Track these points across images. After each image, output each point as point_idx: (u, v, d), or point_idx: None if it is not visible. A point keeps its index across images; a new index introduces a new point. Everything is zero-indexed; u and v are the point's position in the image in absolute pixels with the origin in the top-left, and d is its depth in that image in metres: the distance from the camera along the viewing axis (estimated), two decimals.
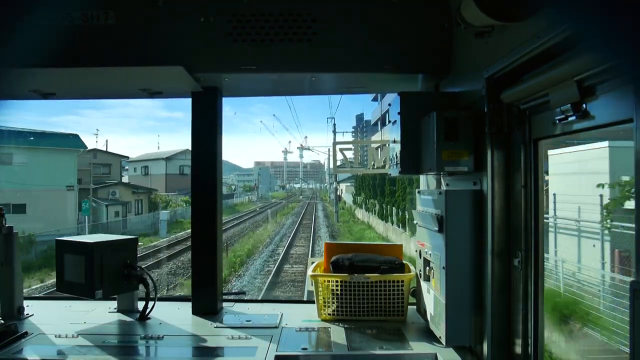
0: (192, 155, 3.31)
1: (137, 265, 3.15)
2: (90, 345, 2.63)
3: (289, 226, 37.45)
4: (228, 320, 3.09)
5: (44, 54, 2.65)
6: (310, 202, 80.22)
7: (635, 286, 1.26)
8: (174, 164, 58.23)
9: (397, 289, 2.99)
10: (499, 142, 2.24)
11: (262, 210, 55.48)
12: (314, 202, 75.89)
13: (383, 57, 2.84)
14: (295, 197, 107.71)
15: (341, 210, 48.07)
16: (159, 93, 3.27)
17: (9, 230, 3.14)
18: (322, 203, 76.71)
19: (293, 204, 74.23)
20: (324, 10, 2.81)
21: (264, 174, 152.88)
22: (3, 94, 3.34)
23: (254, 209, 60.89)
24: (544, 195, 2.15)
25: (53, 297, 3.88)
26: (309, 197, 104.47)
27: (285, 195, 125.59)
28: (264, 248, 25.48)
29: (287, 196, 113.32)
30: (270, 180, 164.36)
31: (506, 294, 2.24)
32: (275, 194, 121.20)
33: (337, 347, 2.62)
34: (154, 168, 58.26)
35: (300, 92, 3.74)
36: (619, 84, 1.55)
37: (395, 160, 2.80)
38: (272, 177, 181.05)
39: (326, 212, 54.85)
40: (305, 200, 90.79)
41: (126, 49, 2.77)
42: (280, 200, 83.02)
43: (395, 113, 2.72)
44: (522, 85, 2.01)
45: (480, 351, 2.37)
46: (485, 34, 2.13)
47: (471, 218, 2.37)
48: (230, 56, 2.84)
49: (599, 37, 1.17)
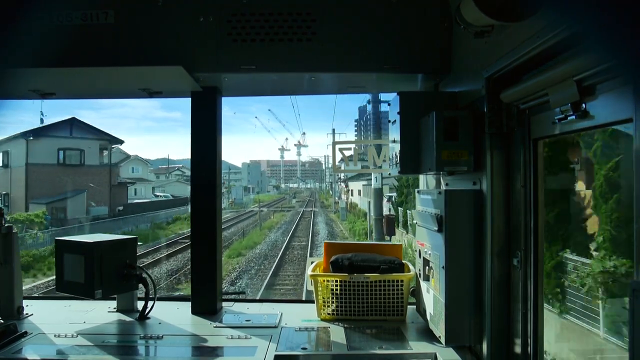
0: (192, 156, 3.30)
1: (136, 265, 3.15)
2: (90, 345, 2.63)
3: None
4: (227, 319, 3.09)
5: (43, 54, 2.65)
6: (305, 210, 51.31)
7: (635, 286, 1.26)
8: (46, 145, 30.96)
9: (397, 288, 2.99)
10: (499, 142, 2.24)
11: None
12: (310, 211, 49.18)
13: (383, 57, 2.84)
14: (286, 202, 75.68)
15: (356, 223, 29.93)
16: (159, 93, 3.26)
17: (8, 229, 3.14)
18: (323, 212, 50.89)
19: (275, 217, 43.39)
20: (324, 10, 2.81)
21: (254, 172, 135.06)
22: (2, 93, 3.33)
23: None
24: (543, 195, 2.16)
25: (52, 296, 3.87)
26: (304, 202, 74.03)
27: (277, 197, 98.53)
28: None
29: (276, 200, 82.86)
30: (262, 179, 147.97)
31: (505, 294, 2.24)
32: (261, 196, 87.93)
33: (336, 347, 2.62)
34: (16, 155, 30.80)
35: (299, 92, 3.74)
36: (618, 83, 1.55)
37: (394, 160, 2.80)
38: (264, 175, 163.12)
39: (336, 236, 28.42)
40: (299, 206, 60.56)
41: (126, 48, 2.76)
42: (261, 209, 45.06)
43: (395, 113, 2.72)
44: (521, 85, 2.01)
45: (479, 351, 2.37)
46: (484, 34, 2.13)
47: (471, 218, 2.37)
48: (230, 56, 2.84)
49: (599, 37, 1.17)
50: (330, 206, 59.17)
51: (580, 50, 1.61)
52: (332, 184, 73.11)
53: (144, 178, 56.21)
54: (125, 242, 3.15)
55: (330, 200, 65.22)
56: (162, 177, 74.97)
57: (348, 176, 51.27)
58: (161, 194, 58.42)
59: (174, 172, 79.05)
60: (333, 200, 60.02)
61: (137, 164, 56.23)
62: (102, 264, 2.93)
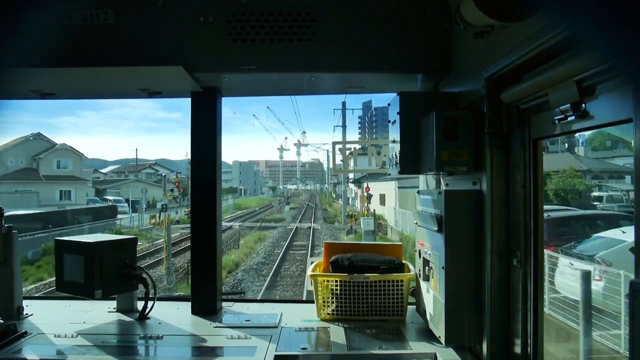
0: (192, 156, 3.31)
1: (136, 265, 3.15)
2: (90, 345, 2.63)
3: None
4: (227, 320, 3.08)
5: (44, 54, 2.65)
6: (299, 227, 33.61)
7: (635, 286, 1.26)
8: None
9: (397, 288, 2.99)
10: (499, 142, 2.24)
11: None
12: (308, 230, 31.59)
13: (383, 57, 2.84)
14: (275, 209, 55.83)
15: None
16: (159, 93, 3.26)
17: (8, 230, 3.14)
18: (329, 230, 32.69)
19: (246, 244, 25.17)
20: (324, 10, 2.81)
21: (247, 172, 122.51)
22: (3, 93, 3.33)
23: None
24: (543, 195, 2.16)
25: (52, 296, 3.88)
26: (301, 209, 56.16)
27: (270, 199, 76.79)
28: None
29: (263, 206, 63.39)
30: (257, 179, 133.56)
31: (505, 294, 2.24)
32: (245, 200, 69.63)
33: (336, 347, 2.62)
34: None
35: (299, 92, 3.73)
36: (618, 84, 1.55)
37: (394, 160, 2.80)
38: (259, 175, 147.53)
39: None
40: (292, 219, 42.42)
41: (126, 48, 2.76)
42: (229, 224, 34.64)
43: (395, 113, 2.72)
44: (521, 85, 2.01)
45: (479, 351, 2.37)
46: (484, 34, 2.13)
47: (470, 218, 2.37)
48: (230, 56, 2.84)
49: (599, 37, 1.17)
50: (338, 217, 41.01)
51: (580, 50, 1.61)
52: (338, 184, 56.35)
53: (75, 176, 42.17)
54: (125, 242, 3.16)
55: (335, 205, 49.84)
56: (131, 175, 62.32)
57: (362, 174, 36.72)
58: (112, 197, 45.50)
59: (144, 170, 66.83)
60: (343, 211, 38.28)
61: (66, 156, 42.85)
62: (102, 264, 2.93)
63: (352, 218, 31.11)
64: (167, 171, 56.91)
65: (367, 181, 34.03)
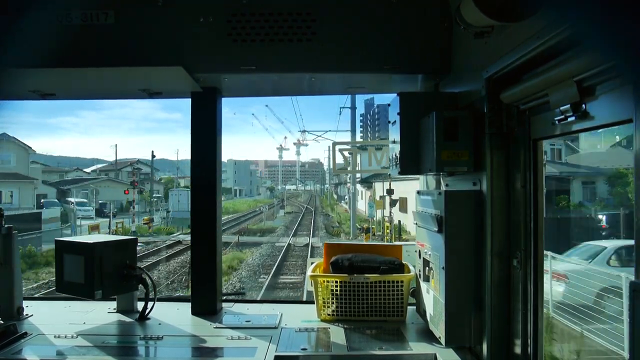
0: (192, 156, 3.31)
1: (136, 265, 3.15)
2: (90, 345, 2.63)
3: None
4: (227, 320, 3.08)
5: (44, 54, 2.65)
6: (294, 245, 24.41)
7: (635, 286, 1.26)
8: None
9: (397, 289, 2.99)
10: (499, 142, 2.24)
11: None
12: (305, 249, 22.45)
13: (383, 57, 2.84)
14: (267, 214, 46.10)
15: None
16: (159, 93, 3.26)
17: (8, 230, 3.14)
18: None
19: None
20: (324, 10, 2.81)
21: (242, 171, 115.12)
22: (3, 93, 3.33)
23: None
24: (543, 196, 2.15)
25: (52, 297, 3.87)
26: (298, 215, 49.01)
27: (267, 201, 67.82)
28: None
29: (250, 211, 52.41)
30: (253, 179, 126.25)
31: (505, 294, 2.24)
32: (234, 203, 63.37)
33: (336, 348, 2.61)
34: None
35: (299, 92, 3.73)
36: (618, 84, 1.55)
37: (394, 161, 2.80)
38: (255, 175, 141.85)
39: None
40: (285, 229, 34.41)
41: (126, 49, 2.76)
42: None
43: (395, 113, 2.72)
44: (521, 86, 2.01)
45: (479, 351, 2.36)
46: (484, 34, 2.13)
47: (471, 218, 2.36)
48: (230, 56, 2.84)
49: (599, 37, 1.17)
50: (343, 225, 34.97)
51: (580, 50, 1.61)
52: (340, 185, 47.48)
53: (19, 173, 33.94)
54: (125, 243, 3.16)
55: (338, 209, 42.45)
56: (111, 174, 56.35)
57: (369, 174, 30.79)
58: (74, 199, 37.41)
59: (124, 168, 57.63)
60: (352, 220, 30.00)
61: (7, 148, 34.61)
62: (102, 264, 2.93)
63: (369, 233, 23.96)
64: (155, 170, 51.12)
65: (384, 180, 26.80)
